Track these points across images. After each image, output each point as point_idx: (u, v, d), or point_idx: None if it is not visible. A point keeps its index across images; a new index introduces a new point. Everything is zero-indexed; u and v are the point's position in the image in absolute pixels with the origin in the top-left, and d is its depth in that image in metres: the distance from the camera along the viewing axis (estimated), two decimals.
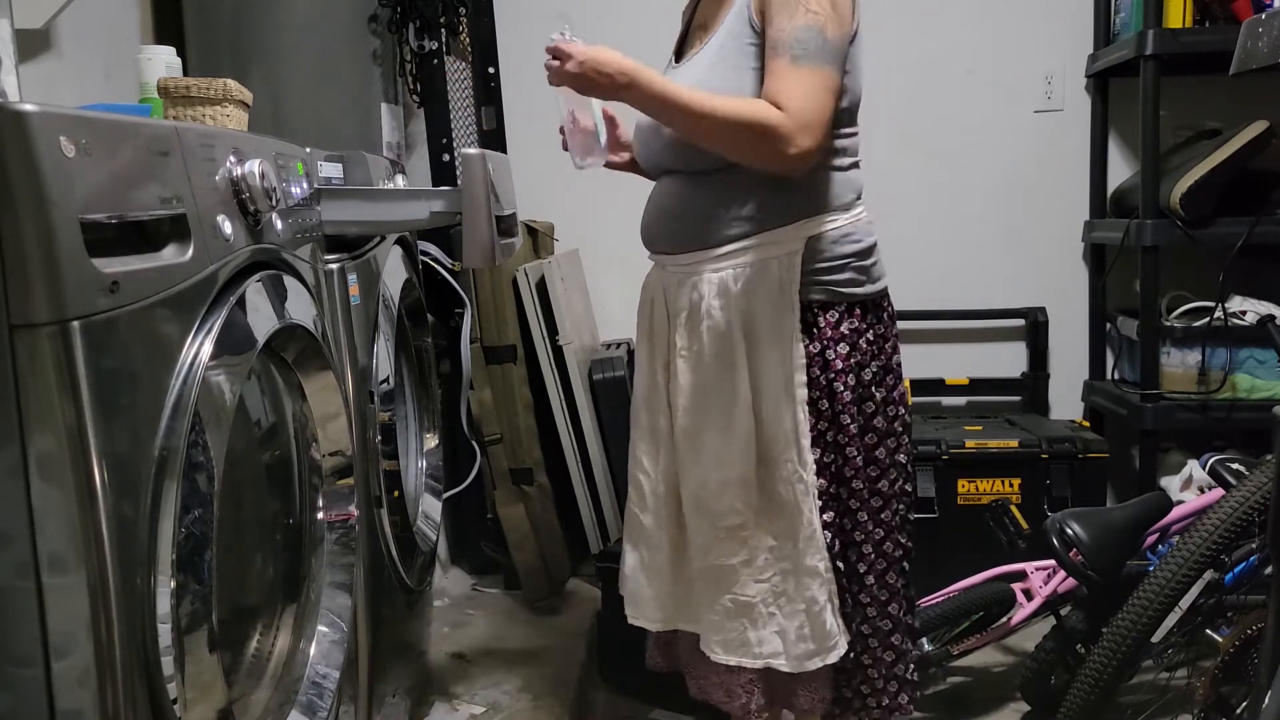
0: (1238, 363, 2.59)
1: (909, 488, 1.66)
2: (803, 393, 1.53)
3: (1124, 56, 2.68)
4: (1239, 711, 1.81)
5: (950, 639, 2.19)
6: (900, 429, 1.63)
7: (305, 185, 1.45)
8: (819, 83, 1.43)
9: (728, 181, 1.53)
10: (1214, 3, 2.62)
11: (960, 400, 3.10)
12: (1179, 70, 2.67)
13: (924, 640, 2.16)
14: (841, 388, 1.54)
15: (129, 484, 0.94)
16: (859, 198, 1.61)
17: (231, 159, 1.19)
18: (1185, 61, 2.60)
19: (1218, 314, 2.55)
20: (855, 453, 1.56)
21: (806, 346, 1.53)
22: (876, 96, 3.00)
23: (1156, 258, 2.62)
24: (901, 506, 1.63)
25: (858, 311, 1.57)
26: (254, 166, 1.21)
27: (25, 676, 0.91)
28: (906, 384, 1.68)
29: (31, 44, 1.88)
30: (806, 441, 1.53)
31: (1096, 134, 2.98)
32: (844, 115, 1.54)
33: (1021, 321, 3.04)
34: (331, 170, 1.63)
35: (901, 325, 2.99)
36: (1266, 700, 1.21)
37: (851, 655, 1.61)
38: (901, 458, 1.63)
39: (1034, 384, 3.03)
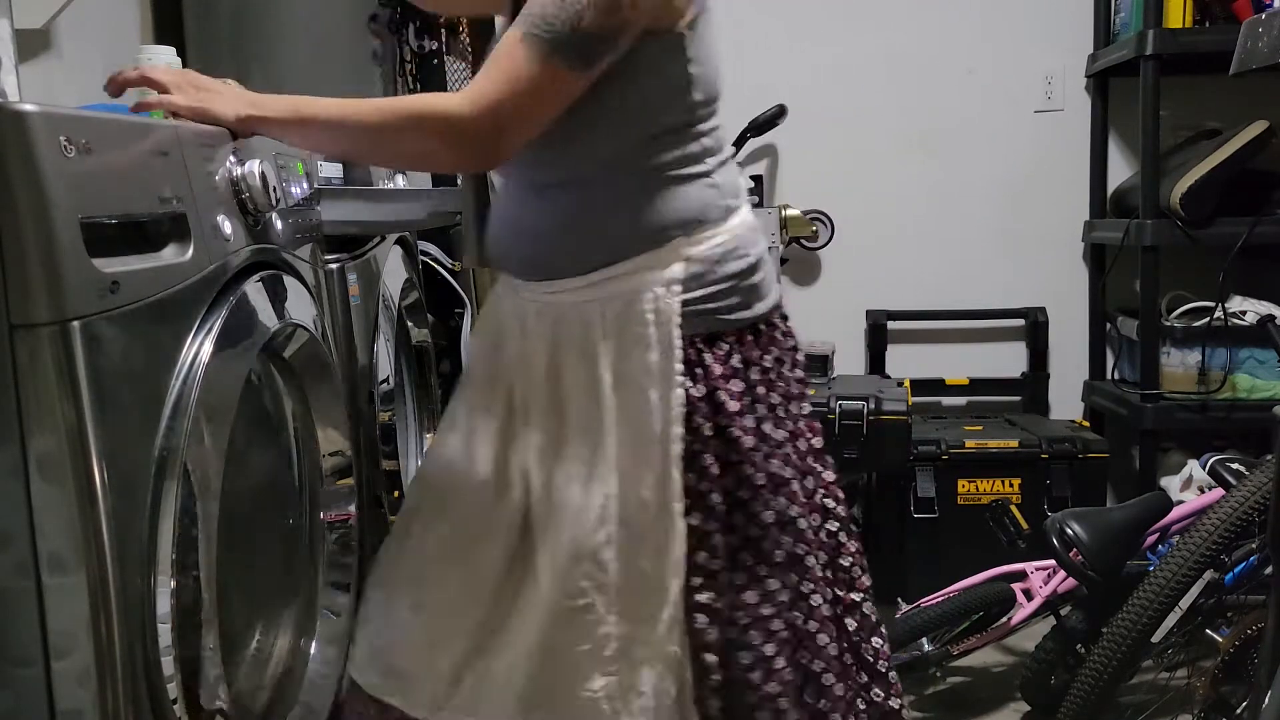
0: (1238, 363, 2.59)
1: (843, 537, 1.42)
2: (678, 448, 1.28)
3: (1124, 56, 2.68)
4: (1239, 711, 1.81)
5: (950, 639, 2.19)
6: (816, 464, 1.42)
7: (305, 185, 1.45)
8: (537, 74, 1.21)
9: (587, 194, 1.32)
10: (1214, 3, 2.62)
11: (960, 400, 3.10)
12: (1179, 70, 2.67)
13: (924, 640, 2.17)
14: (739, 433, 1.30)
15: (129, 484, 0.94)
16: (738, 200, 1.37)
17: (231, 159, 1.19)
18: (1185, 61, 2.60)
19: (1218, 314, 2.55)
20: (761, 509, 1.32)
21: (689, 390, 1.29)
22: (877, 96, 3.02)
23: (1156, 258, 2.62)
24: (822, 560, 1.38)
25: (749, 338, 1.34)
26: (254, 166, 1.21)
27: (25, 676, 0.91)
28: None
29: (31, 44, 1.88)
30: (679, 506, 1.28)
31: (1096, 134, 2.98)
32: (699, 111, 1.31)
33: (1021, 321, 3.04)
34: (331, 170, 1.62)
35: (902, 325, 3.06)
36: (1266, 700, 1.21)
37: None
38: (828, 502, 1.41)
39: (1034, 384, 3.03)
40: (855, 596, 1.43)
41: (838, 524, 1.43)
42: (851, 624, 1.43)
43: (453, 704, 1.36)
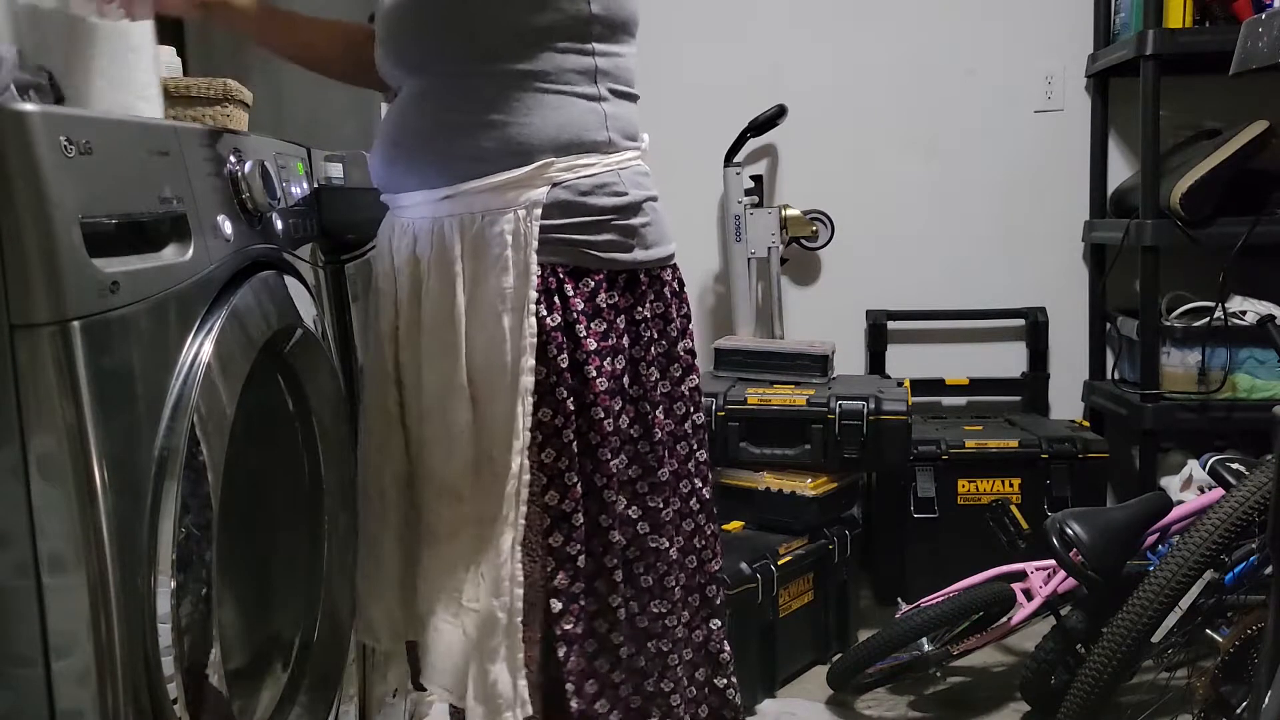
0: (1238, 363, 2.58)
1: (710, 526, 1.37)
2: (528, 380, 1.22)
3: (1124, 56, 2.68)
4: (1239, 711, 1.81)
5: (950, 639, 2.19)
6: (691, 430, 1.37)
7: (305, 185, 1.45)
8: None
9: (451, 97, 1.26)
10: (1214, 3, 2.62)
11: (960, 400, 3.10)
12: (1179, 70, 2.67)
13: (924, 640, 2.17)
14: (594, 372, 1.25)
15: (129, 484, 0.94)
16: (631, 140, 1.32)
17: (231, 159, 1.19)
18: (1185, 61, 2.60)
19: (1218, 314, 2.55)
20: (610, 456, 1.26)
21: (544, 320, 1.23)
22: (877, 96, 3.02)
23: (1156, 258, 2.62)
24: (665, 542, 1.33)
25: (622, 283, 1.28)
26: (254, 166, 1.21)
27: (25, 676, 0.91)
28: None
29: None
30: (520, 444, 1.23)
31: (1096, 134, 2.98)
32: (594, 27, 1.26)
33: (1021, 321, 3.04)
34: (331, 170, 1.63)
35: (902, 325, 3.06)
36: (1266, 700, 1.21)
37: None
38: (691, 468, 1.36)
39: (1034, 384, 3.03)
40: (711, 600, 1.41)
41: (699, 504, 1.40)
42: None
43: (413, 629, 1.36)
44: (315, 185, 1.50)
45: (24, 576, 0.89)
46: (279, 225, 1.30)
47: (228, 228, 1.14)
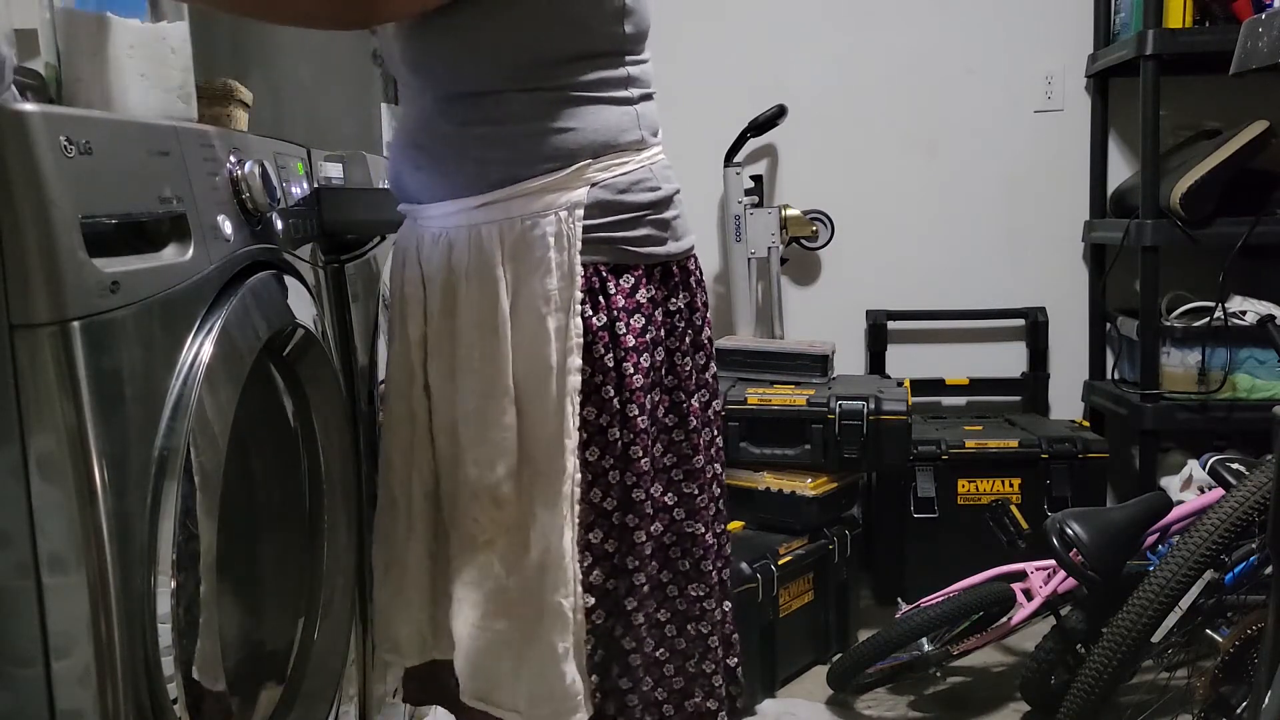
0: (1238, 363, 2.59)
1: (721, 503, 1.39)
2: (575, 380, 1.23)
3: (1124, 56, 2.68)
4: (1239, 711, 1.81)
5: (950, 639, 2.19)
6: (712, 417, 1.38)
7: (305, 185, 1.45)
8: None
9: (497, 106, 1.25)
10: (1214, 3, 2.63)
11: (960, 400, 3.10)
12: (1179, 70, 2.67)
13: (924, 640, 2.17)
14: (631, 369, 1.25)
15: (129, 484, 0.94)
16: (656, 137, 1.33)
17: (231, 159, 1.19)
18: (1185, 61, 2.60)
19: (1218, 314, 2.55)
20: (641, 454, 1.27)
21: (589, 320, 1.24)
22: (877, 96, 3.03)
23: (1156, 258, 2.62)
24: (701, 528, 1.35)
25: (658, 275, 1.30)
26: (254, 166, 1.21)
27: (25, 676, 0.91)
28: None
29: (32, 44, 1.88)
30: (572, 443, 1.23)
31: (1096, 134, 2.99)
32: (627, 44, 1.28)
33: (1021, 321, 3.04)
34: (331, 170, 1.63)
35: (902, 325, 3.06)
36: (1266, 700, 1.21)
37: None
38: (712, 454, 1.37)
39: (1034, 384, 3.03)
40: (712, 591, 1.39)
41: (719, 490, 1.41)
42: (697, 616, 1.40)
43: (440, 646, 1.37)
44: (315, 185, 1.50)
45: (24, 576, 0.89)
46: (279, 225, 1.30)
47: (227, 228, 1.14)
